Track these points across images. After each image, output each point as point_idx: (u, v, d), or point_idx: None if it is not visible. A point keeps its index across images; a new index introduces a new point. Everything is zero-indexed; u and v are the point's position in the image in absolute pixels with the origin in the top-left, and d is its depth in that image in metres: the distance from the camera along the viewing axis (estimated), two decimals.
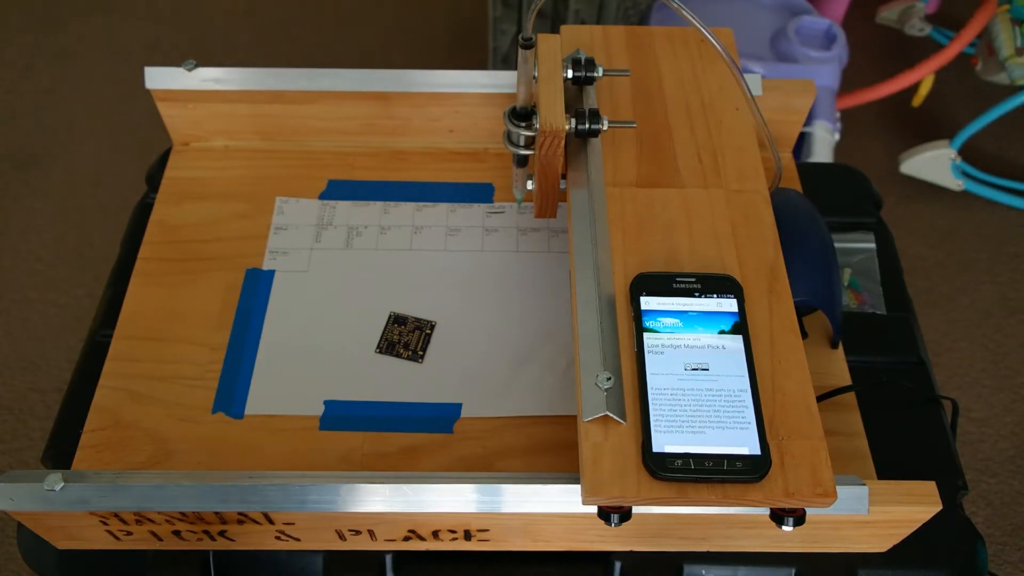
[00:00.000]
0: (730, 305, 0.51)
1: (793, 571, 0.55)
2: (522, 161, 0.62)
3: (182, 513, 0.49)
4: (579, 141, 0.60)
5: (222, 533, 0.52)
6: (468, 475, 0.50)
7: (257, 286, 0.66)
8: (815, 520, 0.48)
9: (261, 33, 1.85)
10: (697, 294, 0.51)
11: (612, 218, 0.56)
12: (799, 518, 0.46)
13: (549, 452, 0.58)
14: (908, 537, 0.52)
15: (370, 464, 0.57)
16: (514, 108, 0.59)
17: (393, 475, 0.50)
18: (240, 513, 0.49)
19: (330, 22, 1.88)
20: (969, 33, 1.42)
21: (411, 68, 0.70)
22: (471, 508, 0.49)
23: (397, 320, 0.64)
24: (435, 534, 0.53)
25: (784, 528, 0.46)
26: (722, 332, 0.50)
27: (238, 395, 0.60)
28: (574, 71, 0.60)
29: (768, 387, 0.48)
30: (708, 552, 0.55)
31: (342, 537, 0.53)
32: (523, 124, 0.58)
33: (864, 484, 0.48)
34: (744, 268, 0.53)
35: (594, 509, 0.47)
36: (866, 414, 0.61)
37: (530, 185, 0.63)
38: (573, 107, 0.58)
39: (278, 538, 0.53)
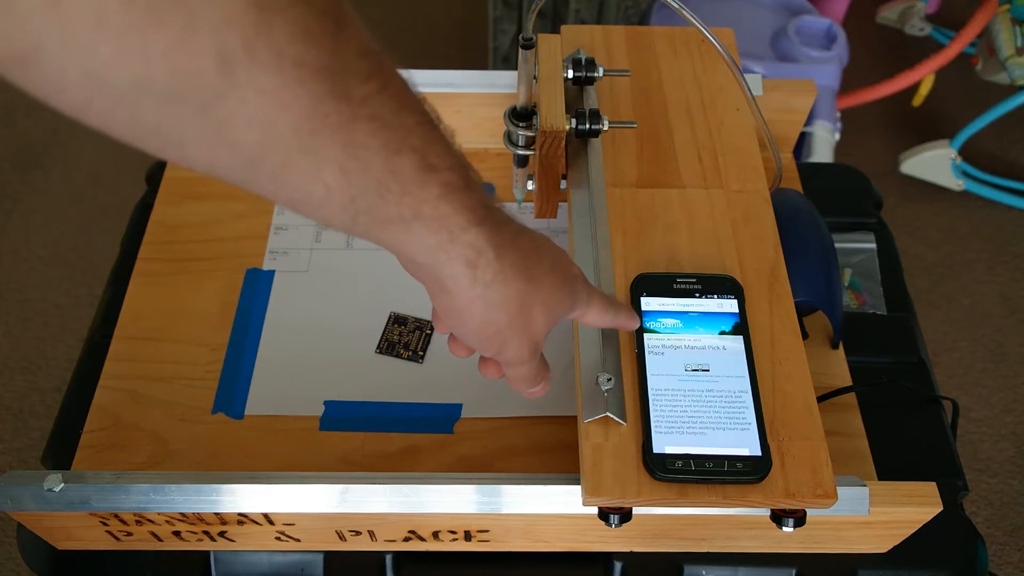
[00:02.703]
0: (731, 306, 0.51)
1: (793, 572, 0.55)
2: (522, 161, 0.62)
3: (182, 514, 0.49)
4: (579, 141, 0.59)
5: (222, 534, 0.52)
6: (468, 476, 0.50)
7: (257, 286, 0.66)
8: (815, 521, 0.48)
9: None
10: (698, 295, 0.51)
11: (612, 218, 0.56)
12: (800, 519, 0.46)
13: (549, 452, 0.58)
14: (908, 538, 0.52)
15: (370, 464, 0.57)
16: (514, 108, 0.59)
17: (393, 475, 0.50)
18: (240, 513, 0.49)
19: None
20: (969, 33, 1.42)
21: (411, 68, 0.70)
22: (471, 509, 0.49)
23: (397, 320, 0.64)
24: (435, 535, 0.53)
25: (784, 529, 0.46)
26: (723, 333, 0.50)
27: (238, 395, 0.60)
28: (574, 71, 0.60)
29: (768, 388, 0.48)
30: (708, 553, 0.55)
31: (342, 537, 0.53)
32: (523, 124, 0.58)
33: (864, 485, 0.48)
34: (744, 268, 0.53)
35: (594, 510, 0.47)
36: (866, 414, 0.61)
37: (530, 185, 0.63)
38: (573, 107, 0.58)
39: (278, 538, 0.53)
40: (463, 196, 0.32)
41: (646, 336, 0.50)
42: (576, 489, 0.47)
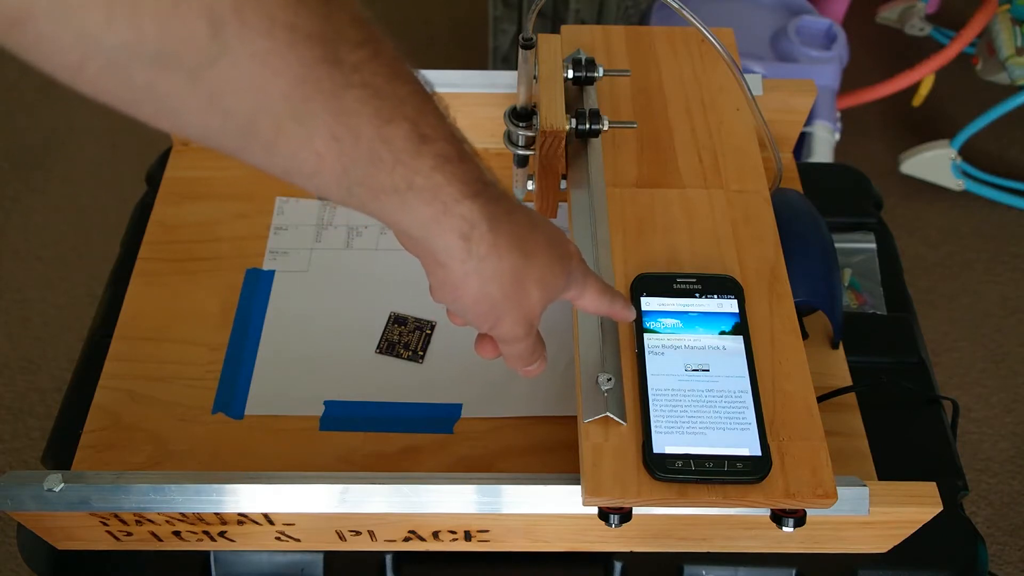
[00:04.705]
0: (731, 306, 0.51)
1: (794, 572, 0.55)
2: (522, 161, 0.62)
3: (182, 514, 0.49)
4: (579, 141, 0.59)
5: (222, 534, 0.52)
6: (468, 476, 0.50)
7: (257, 286, 0.66)
8: (816, 521, 0.48)
9: None
10: (698, 295, 0.51)
11: (613, 218, 0.56)
12: (800, 519, 0.46)
13: (549, 452, 0.58)
14: (909, 538, 0.52)
15: (370, 464, 0.57)
16: (514, 108, 0.59)
17: (393, 475, 0.50)
18: (240, 513, 0.49)
19: None
20: (969, 33, 1.42)
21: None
22: (471, 509, 0.49)
23: (397, 320, 0.64)
24: (435, 535, 0.53)
25: (784, 529, 0.46)
26: (723, 333, 0.50)
27: (238, 395, 0.60)
28: (574, 71, 0.60)
29: (769, 388, 0.48)
30: (708, 553, 0.55)
31: (342, 537, 0.53)
32: (523, 124, 0.58)
33: (865, 485, 0.48)
34: (745, 268, 0.53)
35: (594, 510, 0.47)
36: (866, 414, 0.61)
37: (530, 185, 0.63)
38: (573, 107, 0.58)
39: (278, 538, 0.53)
40: (457, 167, 0.32)
41: (646, 336, 0.50)
42: (576, 489, 0.47)
